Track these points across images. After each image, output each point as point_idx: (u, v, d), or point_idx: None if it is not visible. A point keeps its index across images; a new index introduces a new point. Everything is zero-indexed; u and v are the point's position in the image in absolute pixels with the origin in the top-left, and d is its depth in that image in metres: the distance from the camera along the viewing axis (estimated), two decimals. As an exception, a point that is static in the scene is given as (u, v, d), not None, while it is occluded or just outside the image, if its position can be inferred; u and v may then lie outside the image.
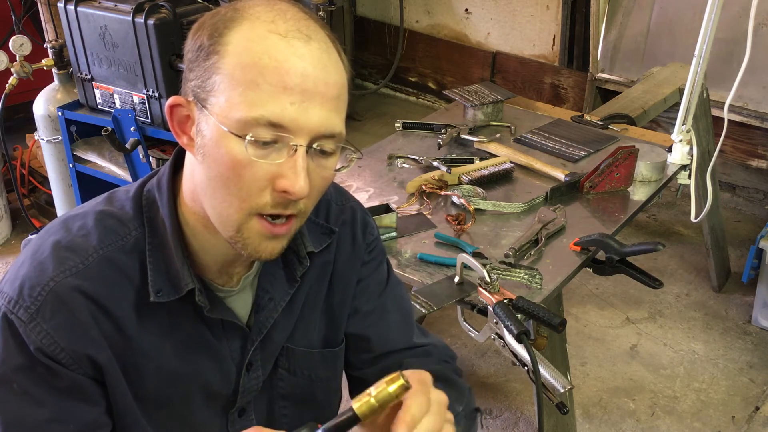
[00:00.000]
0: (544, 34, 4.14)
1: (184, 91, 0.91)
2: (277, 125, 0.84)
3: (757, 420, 2.45)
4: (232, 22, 0.87)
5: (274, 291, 1.05)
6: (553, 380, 1.34)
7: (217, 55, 0.86)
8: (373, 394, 0.79)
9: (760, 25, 3.35)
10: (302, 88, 0.84)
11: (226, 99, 0.85)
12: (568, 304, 2.92)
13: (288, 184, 0.85)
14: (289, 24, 0.86)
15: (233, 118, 0.84)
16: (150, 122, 2.50)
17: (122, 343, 0.94)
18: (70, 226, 0.96)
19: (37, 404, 0.91)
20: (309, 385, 1.14)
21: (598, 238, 1.76)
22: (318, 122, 0.86)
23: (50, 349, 0.90)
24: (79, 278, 0.91)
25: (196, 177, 0.92)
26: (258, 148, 0.85)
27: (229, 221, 0.89)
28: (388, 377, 0.80)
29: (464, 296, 1.60)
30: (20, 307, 0.89)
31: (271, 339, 1.07)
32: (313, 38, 0.87)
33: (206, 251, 0.97)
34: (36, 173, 3.40)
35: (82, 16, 2.46)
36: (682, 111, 2.18)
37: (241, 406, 1.08)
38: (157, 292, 0.94)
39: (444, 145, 2.25)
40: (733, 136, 3.54)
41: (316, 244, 1.08)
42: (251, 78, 0.83)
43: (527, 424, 2.45)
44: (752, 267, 2.81)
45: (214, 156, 0.87)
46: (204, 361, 1.02)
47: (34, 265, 0.92)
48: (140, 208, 0.97)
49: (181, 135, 0.92)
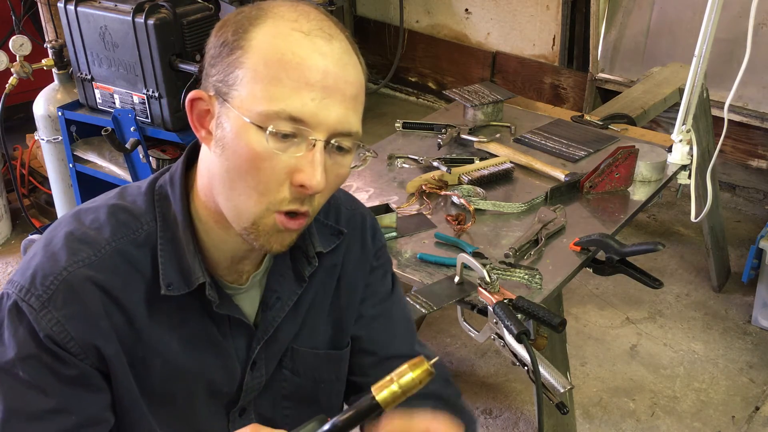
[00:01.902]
0: (544, 34, 4.14)
1: (204, 86, 0.93)
2: (297, 119, 0.86)
3: (757, 420, 2.45)
4: (257, 19, 0.89)
5: (282, 291, 1.06)
6: (553, 380, 1.34)
7: (241, 50, 0.88)
8: (396, 379, 0.73)
9: (760, 25, 3.35)
10: (323, 84, 0.86)
11: (249, 92, 0.87)
12: (568, 304, 2.92)
13: (305, 177, 0.87)
14: (312, 23, 0.88)
15: (255, 111, 0.86)
16: (150, 122, 2.50)
17: (131, 336, 0.95)
18: (82, 218, 0.97)
19: (42, 393, 0.92)
20: (312, 386, 1.14)
21: (598, 238, 1.76)
22: (336, 119, 0.88)
23: (60, 337, 0.90)
24: (92, 269, 0.92)
25: (212, 171, 0.93)
26: (278, 140, 0.86)
27: (246, 213, 0.91)
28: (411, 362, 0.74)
29: (464, 296, 1.60)
30: (32, 295, 0.90)
31: (277, 338, 1.07)
32: (335, 38, 0.89)
33: (217, 247, 0.99)
34: (36, 173, 3.40)
35: (82, 16, 2.46)
36: (682, 111, 2.18)
37: (242, 405, 1.08)
38: (168, 285, 0.95)
39: (444, 145, 2.25)
40: (733, 136, 3.54)
41: (325, 245, 1.09)
42: (274, 73, 0.86)
43: (527, 424, 2.45)
44: (752, 267, 2.81)
45: (234, 148, 0.88)
46: (209, 357, 1.02)
47: (47, 256, 0.93)
48: (152, 202, 0.99)
49: (200, 129, 0.94)
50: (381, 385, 0.73)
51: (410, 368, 0.74)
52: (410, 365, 0.74)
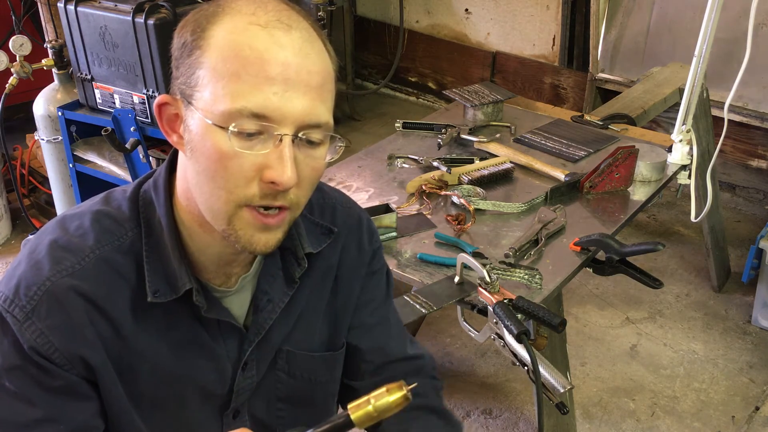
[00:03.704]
0: (544, 34, 4.14)
1: (171, 89, 0.91)
2: (260, 116, 0.84)
3: (757, 420, 2.45)
4: (214, 16, 0.87)
5: (272, 292, 1.04)
6: (553, 380, 1.34)
7: (199, 50, 0.86)
8: (373, 402, 0.76)
9: (760, 25, 3.35)
10: (284, 77, 0.84)
11: (210, 92, 0.85)
12: (568, 304, 2.92)
13: (275, 174, 0.85)
14: (269, 15, 0.86)
15: (217, 111, 0.84)
16: (150, 122, 2.50)
17: (118, 344, 0.94)
18: (67, 225, 0.96)
19: (29, 404, 0.91)
20: (308, 387, 1.14)
21: (598, 238, 1.76)
22: (302, 111, 0.85)
23: (44, 349, 0.89)
24: (75, 278, 0.91)
25: (188, 174, 0.92)
26: (242, 139, 0.84)
27: (219, 214, 0.89)
28: (390, 385, 0.77)
29: (464, 296, 1.60)
30: (16, 306, 0.89)
31: (268, 340, 1.06)
32: (295, 27, 0.86)
33: (202, 251, 0.97)
34: (36, 173, 3.40)
35: (82, 16, 2.46)
36: (682, 111, 2.18)
37: (235, 407, 1.08)
38: (155, 292, 0.94)
39: (444, 145, 2.25)
40: (733, 136, 3.54)
41: (315, 245, 1.07)
42: (233, 70, 0.83)
43: (527, 424, 2.45)
44: (752, 267, 2.81)
45: (201, 150, 0.87)
46: (200, 361, 1.01)
47: (30, 265, 0.92)
48: (137, 208, 0.97)
49: (171, 133, 0.92)
50: (358, 404, 0.76)
51: (388, 392, 0.76)
52: (388, 389, 0.76)
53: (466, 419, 2.46)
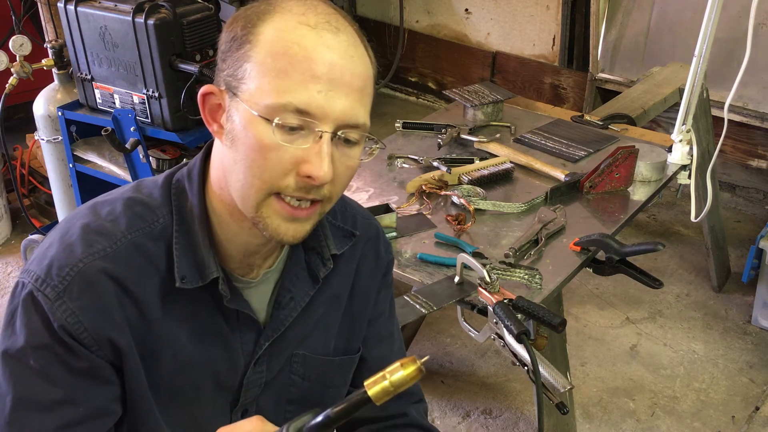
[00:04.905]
0: (544, 34, 4.14)
1: (216, 81, 0.95)
2: (304, 112, 0.87)
3: (757, 420, 2.45)
4: (265, 14, 0.91)
5: (295, 290, 1.07)
6: (553, 380, 1.34)
7: (249, 44, 0.89)
8: (389, 377, 0.78)
9: (760, 25, 3.35)
10: (329, 77, 0.87)
11: (257, 86, 0.88)
12: (568, 304, 2.92)
13: (312, 168, 0.88)
14: (319, 17, 0.90)
15: (262, 104, 0.88)
16: (150, 122, 2.50)
17: (143, 329, 0.96)
18: (98, 210, 0.98)
19: (51, 383, 0.92)
20: (321, 391, 1.16)
21: (598, 238, 1.76)
22: (343, 111, 0.89)
23: (74, 329, 0.91)
24: (106, 261, 0.93)
25: (224, 163, 0.95)
26: (285, 132, 0.88)
27: (249, 200, 0.92)
28: (404, 360, 0.79)
29: (464, 296, 1.60)
30: (48, 285, 0.91)
31: (285, 337, 1.08)
32: (342, 31, 0.90)
33: (230, 240, 1.00)
34: (36, 173, 3.40)
35: (82, 16, 2.46)
36: (682, 111, 2.18)
37: (244, 405, 1.09)
38: (183, 278, 0.97)
39: (444, 145, 2.25)
40: (733, 136, 3.54)
41: (338, 247, 1.10)
42: (281, 66, 0.87)
43: (527, 424, 2.45)
44: (752, 267, 2.81)
45: (242, 140, 0.90)
46: (216, 350, 1.03)
47: (63, 247, 0.94)
48: (169, 196, 1.00)
49: (212, 123, 0.96)
50: (374, 380, 0.78)
51: (402, 366, 0.78)
52: (402, 363, 0.78)
53: (466, 419, 2.46)
